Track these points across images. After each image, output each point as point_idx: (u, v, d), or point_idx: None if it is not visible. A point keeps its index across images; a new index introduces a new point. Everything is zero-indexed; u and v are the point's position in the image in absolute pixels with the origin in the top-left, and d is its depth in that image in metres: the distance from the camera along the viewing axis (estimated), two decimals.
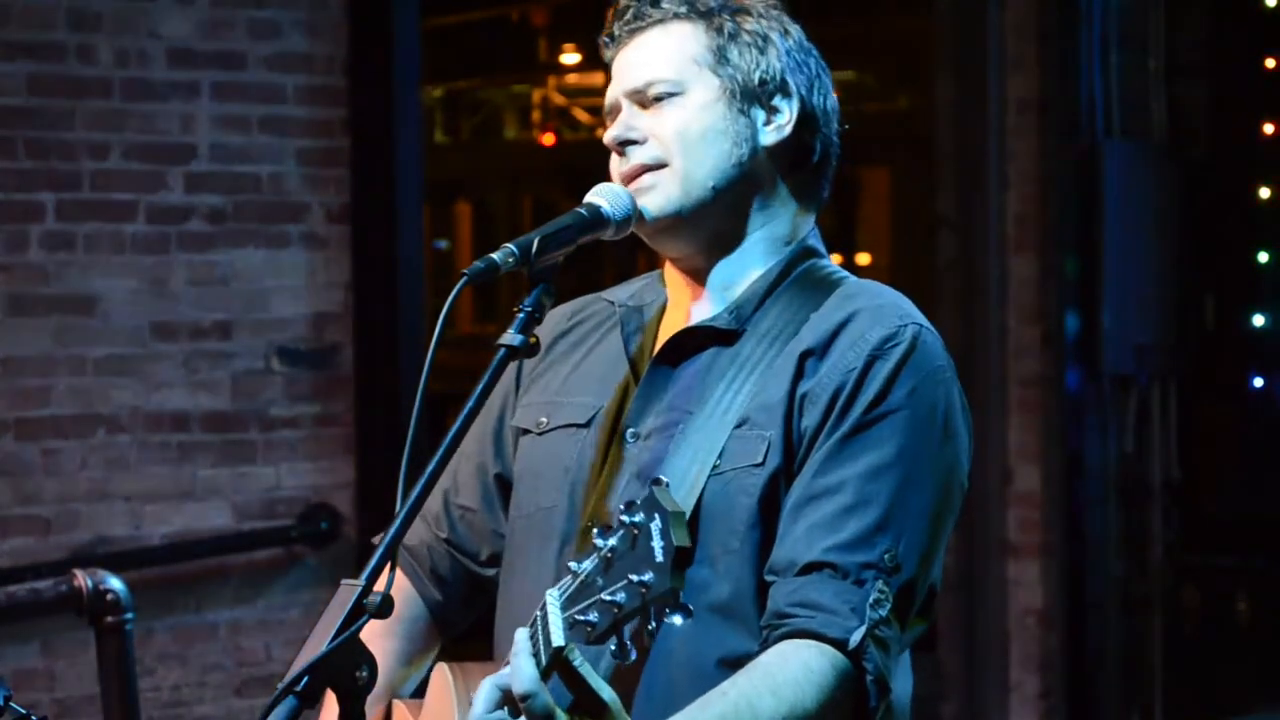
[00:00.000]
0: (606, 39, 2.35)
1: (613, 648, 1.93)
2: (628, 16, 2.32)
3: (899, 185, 7.73)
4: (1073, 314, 6.44)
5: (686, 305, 2.35)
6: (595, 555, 1.96)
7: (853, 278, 2.34)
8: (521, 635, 2.03)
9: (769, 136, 2.29)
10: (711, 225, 2.30)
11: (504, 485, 2.45)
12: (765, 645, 2.15)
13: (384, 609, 1.97)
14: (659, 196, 2.27)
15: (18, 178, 4.94)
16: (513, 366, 2.40)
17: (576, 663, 1.98)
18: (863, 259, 8.73)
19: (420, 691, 2.46)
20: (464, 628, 2.52)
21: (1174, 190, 6.55)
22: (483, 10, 10.44)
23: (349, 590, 1.99)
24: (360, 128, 5.36)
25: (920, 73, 6.87)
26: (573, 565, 1.98)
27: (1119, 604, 6.50)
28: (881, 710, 2.15)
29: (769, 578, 2.17)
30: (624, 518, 1.93)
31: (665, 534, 1.89)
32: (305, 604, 5.31)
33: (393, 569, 2.01)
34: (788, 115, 2.30)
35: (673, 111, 2.27)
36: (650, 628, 1.91)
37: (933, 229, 6.58)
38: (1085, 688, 6.47)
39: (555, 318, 2.47)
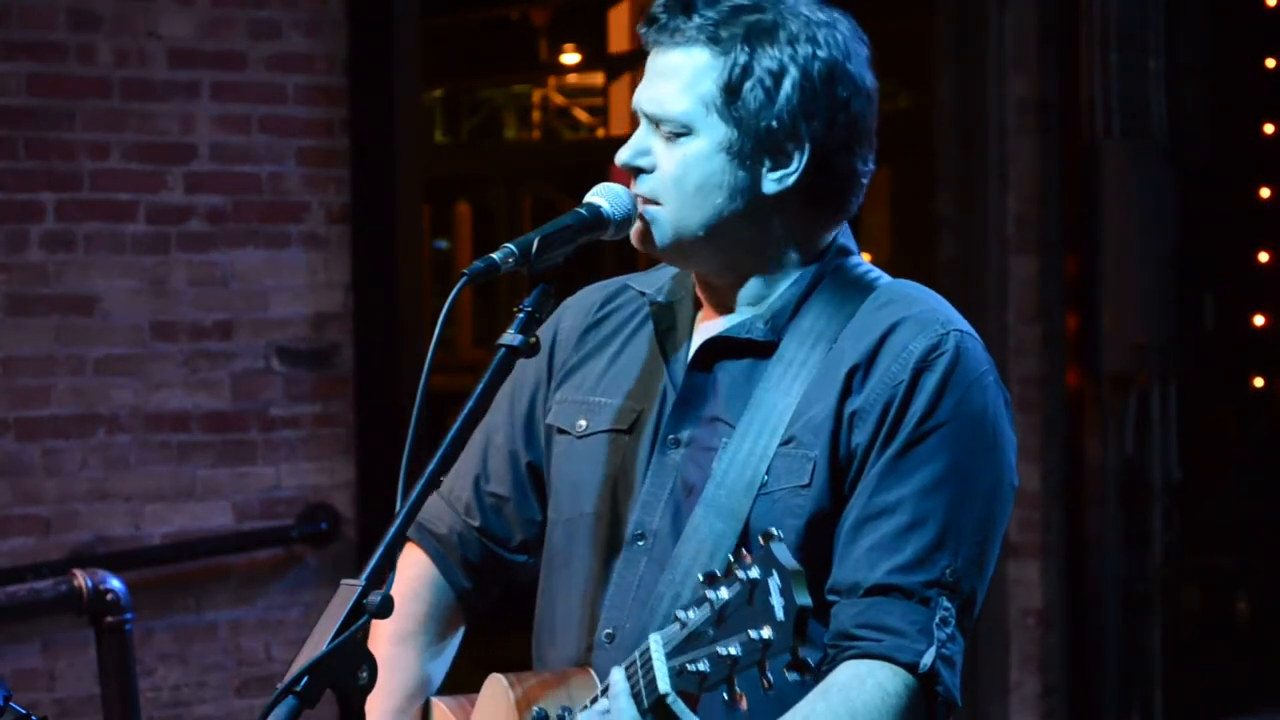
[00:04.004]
0: (641, 31, 2.31)
1: (724, 696, 1.97)
2: (658, 25, 2.28)
3: (899, 185, 7.73)
4: (1073, 314, 6.45)
5: (713, 307, 2.35)
6: (706, 606, 1.98)
7: (885, 277, 2.33)
8: (619, 676, 2.07)
9: (770, 186, 2.25)
10: (712, 259, 2.30)
11: (535, 473, 2.45)
12: (831, 664, 2.17)
13: (384, 609, 1.97)
14: (656, 232, 2.27)
15: (18, 178, 4.94)
16: (542, 354, 2.41)
17: (671, 702, 2.01)
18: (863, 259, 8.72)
19: (448, 687, 2.47)
20: (485, 609, 2.53)
21: (1174, 190, 6.54)
22: (483, 10, 10.44)
23: (349, 590, 1.99)
24: (360, 128, 5.36)
25: (920, 73, 6.86)
26: (680, 614, 2.01)
27: (1119, 604, 6.49)
28: None
29: (830, 598, 2.19)
30: (738, 572, 1.96)
31: (786, 593, 1.92)
32: (305, 604, 5.31)
33: (393, 569, 2.02)
34: (795, 164, 2.24)
35: (676, 153, 2.25)
36: (768, 681, 1.94)
37: (932, 229, 6.58)
38: (1085, 688, 6.47)
39: (585, 306, 2.47)
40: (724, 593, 1.96)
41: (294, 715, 1.94)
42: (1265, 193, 6.72)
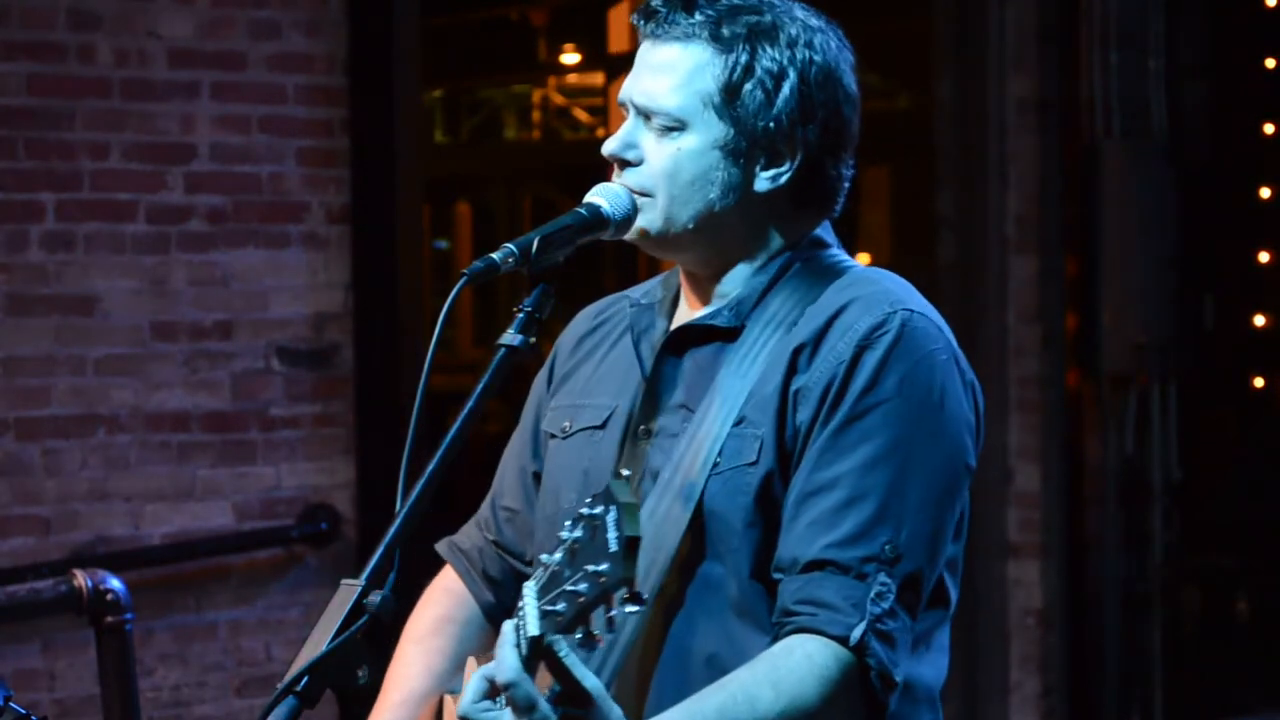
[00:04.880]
0: (635, 21, 2.32)
1: (579, 636, 1.98)
2: (657, 19, 2.28)
3: (899, 185, 7.73)
4: (1073, 314, 6.44)
5: (694, 301, 2.36)
6: (561, 547, 2.00)
7: (858, 266, 2.34)
8: (507, 626, 2.06)
9: (763, 184, 2.27)
10: (698, 251, 2.31)
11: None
12: (774, 641, 2.16)
13: (384, 609, 1.98)
14: (643, 219, 2.28)
15: (18, 178, 4.94)
16: (547, 367, 2.48)
17: (562, 653, 2.01)
18: (863, 259, 8.71)
19: None
20: None
21: (1174, 190, 6.54)
22: (483, 10, 10.43)
23: (349, 590, 1.99)
24: (360, 128, 5.36)
25: (920, 73, 6.86)
26: (543, 557, 2.02)
27: (1119, 604, 6.50)
28: (894, 702, 2.16)
29: (775, 575, 2.19)
30: (583, 510, 1.98)
31: (619, 524, 1.93)
32: (305, 604, 5.31)
33: (394, 569, 2.02)
34: (788, 165, 2.27)
35: (668, 147, 2.26)
36: (610, 616, 1.95)
37: (932, 229, 6.58)
38: (1085, 688, 6.47)
39: (584, 317, 2.50)
40: (577, 532, 1.98)
41: (294, 715, 1.94)
42: (1265, 193, 6.71)
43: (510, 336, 2.17)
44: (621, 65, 10.31)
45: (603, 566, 1.93)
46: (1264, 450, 6.79)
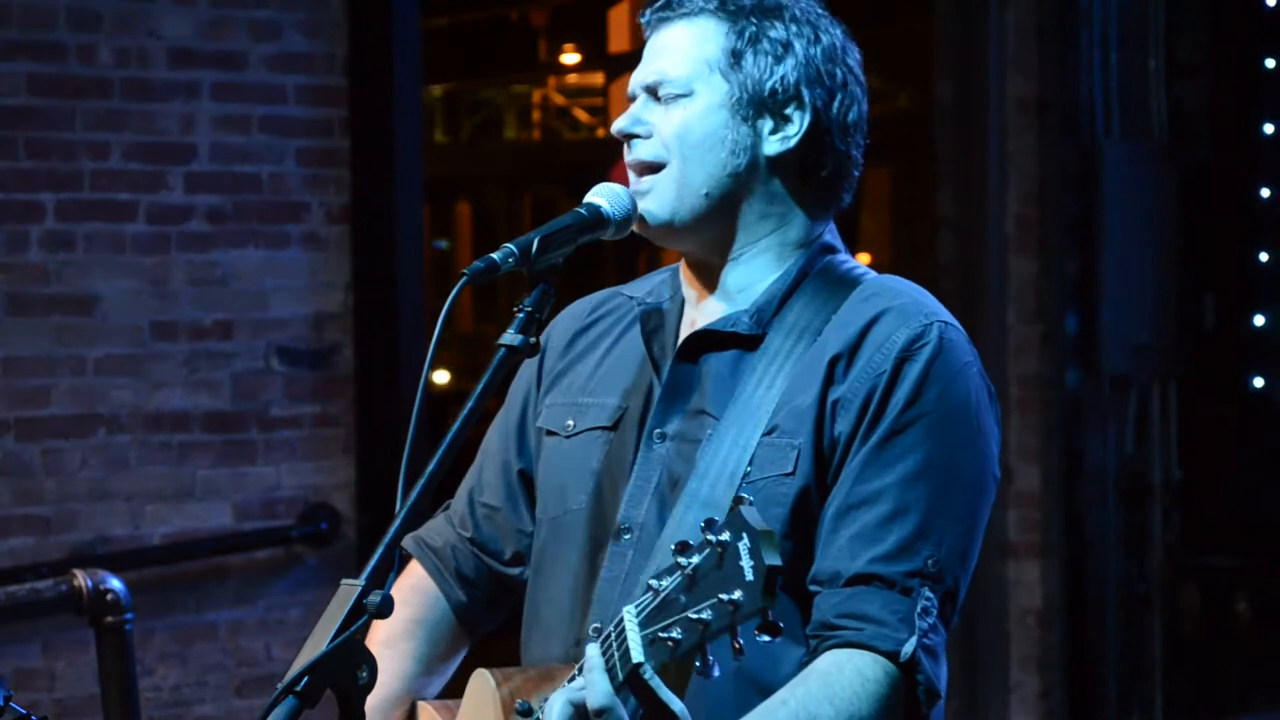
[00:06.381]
0: (642, 19, 2.34)
1: (697, 664, 1.95)
2: (660, 3, 2.32)
3: (899, 185, 7.74)
4: (1072, 314, 6.44)
5: (704, 303, 2.35)
6: (678, 573, 1.96)
7: (871, 273, 2.34)
8: (594, 651, 2.05)
9: (772, 146, 2.28)
10: (711, 231, 2.30)
11: (528, 482, 2.45)
12: (814, 654, 2.16)
13: (384, 609, 1.97)
14: (654, 201, 2.28)
15: (18, 178, 4.94)
16: (532, 363, 2.42)
17: (647, 676, 1.99)
18: (863, 259, 8.72)
19: (447, 693, 2.45)
20: (490, 629, 2.52)
21: (1174, 190, 6.54)
22: (483, 10, 10.45)
23: (349, 590, 1.99)
24: (360, 128, 5.36)
25: (920, 73, 6.86)
26: (653, 583, 1.99)
27: (1119, 604, 6.49)
28: (931, 714, 2.18)
29: (813, 588, 2.19)
30: (709, 536, 1.94)
31: (755, 553, 1.90)
32: (305, 604, 5.31)
33: (394, 569, 2.02)
34: (797, 127, 2.28)
35: (677, 112, 2.27)
36: (738, 645, 1.92)
37: (933, 229, 6.58)
38: (1085, 688, 6.47)
39: (575, 313, 2.49)
40: (695, 558, 1.95)
41: (294, 715, 1.94)
42: (1265, 193, 6.71)
43: (510, 336, 2.16)
44: (621, 65, 10.33)
45: (736, 595, 1.90)
46: (1264, 450, 6.79)
